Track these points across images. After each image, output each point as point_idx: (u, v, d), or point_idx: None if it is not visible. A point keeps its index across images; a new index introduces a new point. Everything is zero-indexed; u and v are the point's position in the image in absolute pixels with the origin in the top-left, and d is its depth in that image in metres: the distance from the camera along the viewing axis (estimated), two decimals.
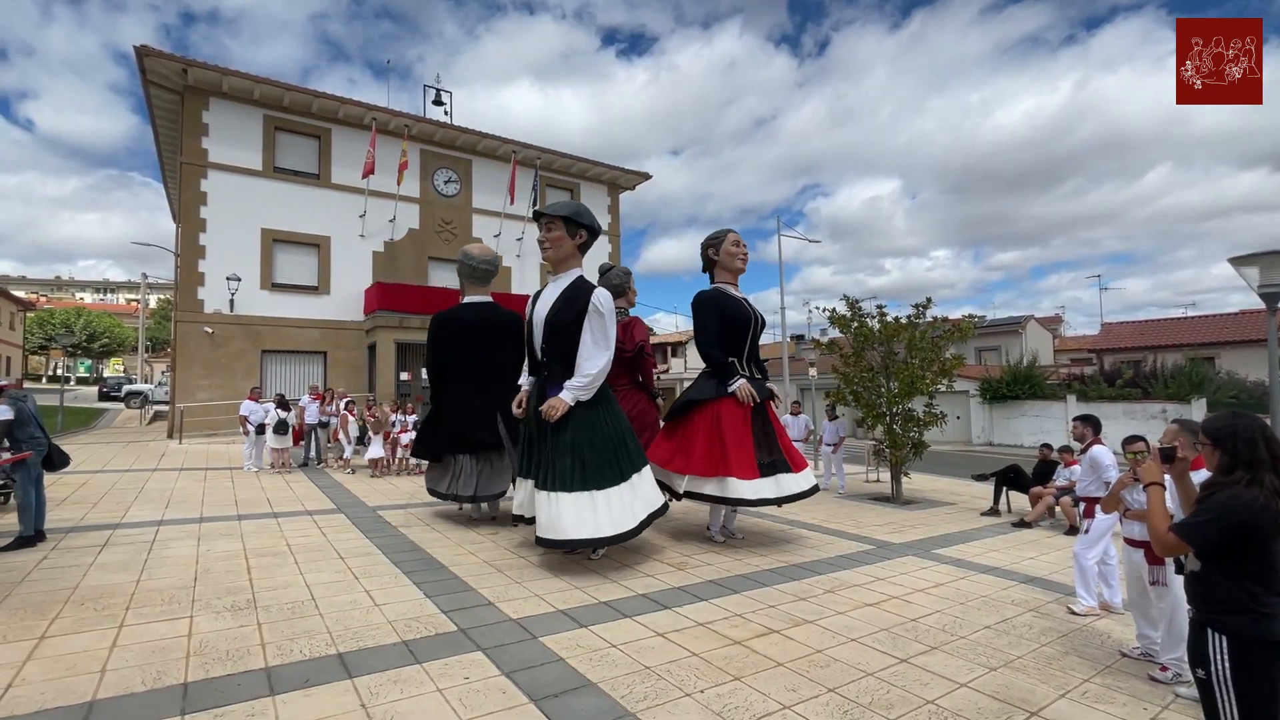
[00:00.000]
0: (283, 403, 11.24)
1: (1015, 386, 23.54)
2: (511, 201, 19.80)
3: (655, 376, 8.22)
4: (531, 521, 5.20)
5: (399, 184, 18.33)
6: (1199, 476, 2.56)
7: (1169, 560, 3.48)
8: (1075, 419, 5.18)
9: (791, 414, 11.38)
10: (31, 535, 5.50)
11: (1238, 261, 5.29)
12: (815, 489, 6.19)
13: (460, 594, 4.42)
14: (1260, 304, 5.34)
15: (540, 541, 4.92)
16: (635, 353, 7.03)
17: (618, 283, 7.93)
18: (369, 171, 17.34)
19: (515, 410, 5.60)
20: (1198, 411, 18.93)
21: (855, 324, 9.74)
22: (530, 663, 3.31)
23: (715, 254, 6.53)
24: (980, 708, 3.02)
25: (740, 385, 6.04)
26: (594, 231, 5.45)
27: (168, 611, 3.93)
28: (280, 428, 10.97)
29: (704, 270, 6.72)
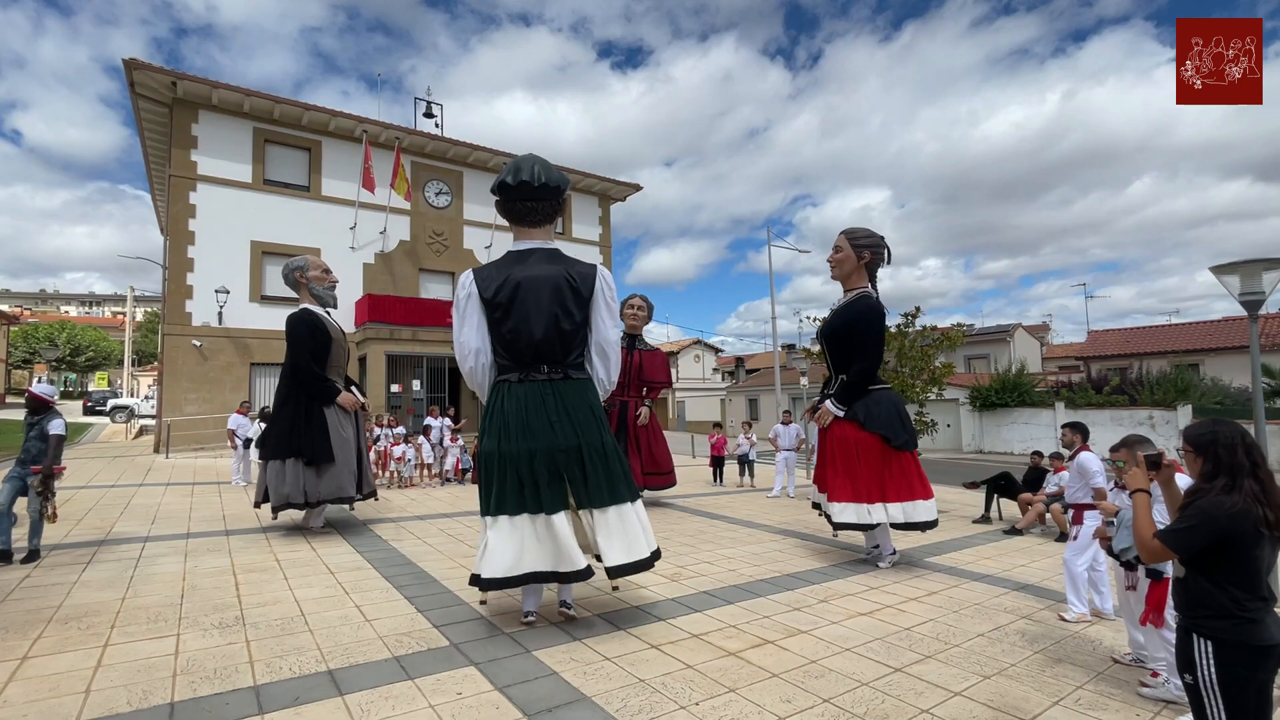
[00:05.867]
0: (266, 416, 11.12)
1: (1004, 394, 23.76)
2: None
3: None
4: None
5: (407, 198, 18.36)
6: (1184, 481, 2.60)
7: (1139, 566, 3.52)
8: (1064, 426, 5.24)
9: (782, 423, 11.41)
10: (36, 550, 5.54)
11: (1219, 270, 5.38)
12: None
13: (453, 608, 4.38)
14: (1243, 311, 5.43)
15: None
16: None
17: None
18: (370, 186, 17.32)
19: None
20: (1183, 418, 19.15)
21: None
22: (524, 677, 3.28)
23: (881, 259, 5.99)
24: (975, 716, 3.02)
25: None
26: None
27: (154, 629, 3.86)
28: (262, 441, 10.85)
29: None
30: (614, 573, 3.98)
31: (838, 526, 5.86)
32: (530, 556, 3.90)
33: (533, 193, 4.18)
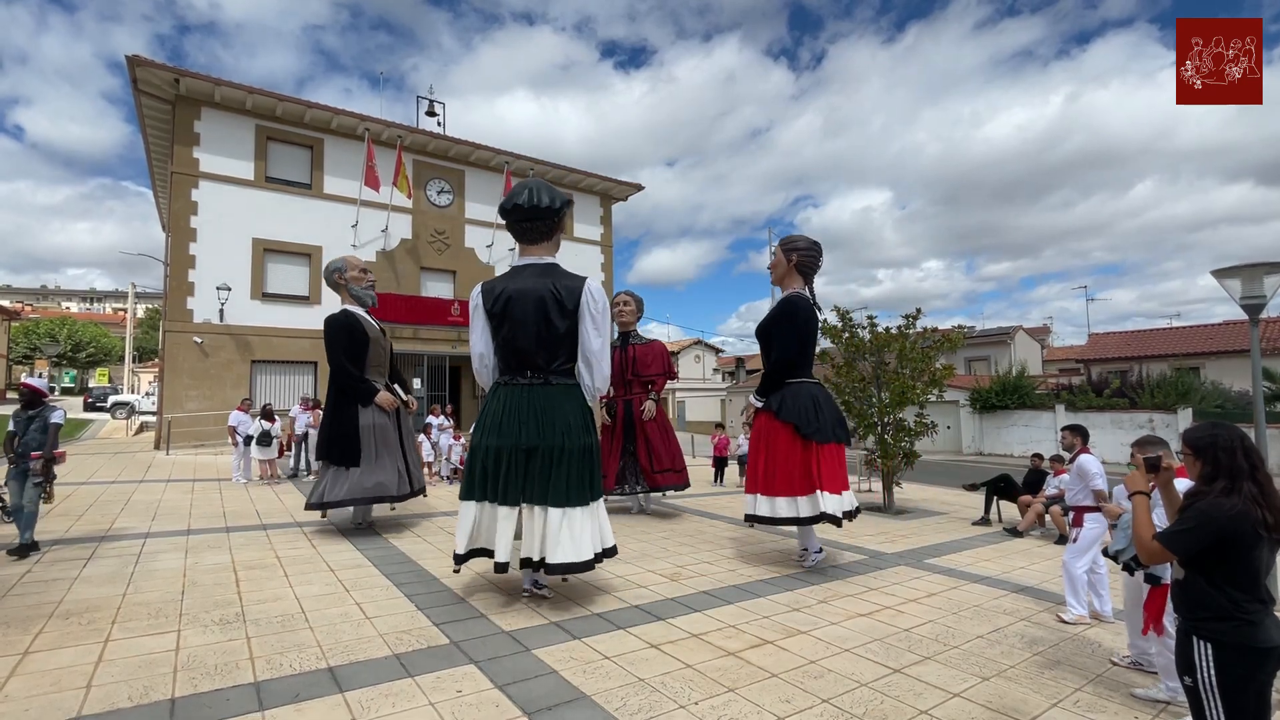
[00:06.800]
0: (267, 413, 11.15)
1: (1005, 396, 23.75)
2: None
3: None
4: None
5: (409, 196, 18.37)
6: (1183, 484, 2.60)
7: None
8: (1064, 428, 5.25)
9: None
10: (33, 544, 5.53)
11: (1221, 274, 5.38)
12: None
13: (452, 606, 4.40)
14: (1244, 315, 5.43)
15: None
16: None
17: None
18: (375, 184, 17.30)
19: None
20: (1183, 421, 19.13)
21: (846, 334, 9.82)
22: (523, 675, 3.29)
23: (811, 259, 6.01)
24: (974, 717, 3.03)
25: None
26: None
27: (155, 625, 3.87)
28: (264, 439, 10.87)
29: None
30: (523, 564, 4.42)
31: (747, 519, 5.89)
32: (482, 536, 4.50)
33: (526, 214, 4.62)
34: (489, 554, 4.47)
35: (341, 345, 6.72)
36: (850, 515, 5.75)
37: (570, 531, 4.30)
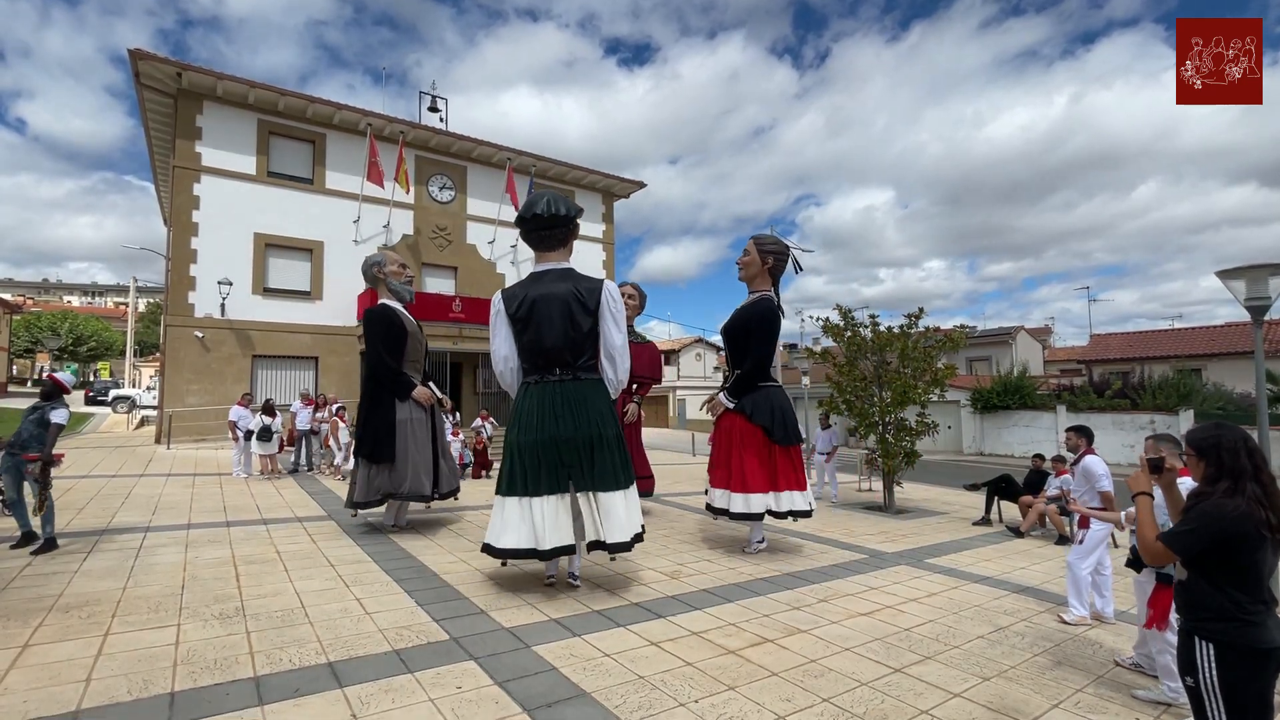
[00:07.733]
0: (268, 408, 11.15)
1: (1006, 397, 23.70)
2: (516, 208, 19.81)
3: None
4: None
5: (408, 192, 18.34)
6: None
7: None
8: (1068, 429, 5.23)
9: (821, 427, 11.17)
10: (42, 538, 5.50)
11: (1225, 275, 5.35)
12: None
13: (452, 602, 4.39)
14: (1247, 316, 5.41)
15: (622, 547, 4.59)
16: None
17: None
18: (378, 180, 17.27)
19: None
20: (1185, 422, 19.09)
21: (848, 333, 9.80)
22: (523, 672, 3.29)
23: (784, 265, 6.36)
24: (974, 717, 3.02)
25: None
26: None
27: (154, 619, 3.87)
28: (264, 434, 10.86)
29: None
30: (591, 546, 4.58)
31: (710, 510, 6.20)
32: (533, 531, 4.49)
33: (544, 223, 4.87)
34: (534, 553, 4.50)
35: (380, 337, 6.68)
36: (807, 514, 6.16)
37: (623, 512, 4.60)
